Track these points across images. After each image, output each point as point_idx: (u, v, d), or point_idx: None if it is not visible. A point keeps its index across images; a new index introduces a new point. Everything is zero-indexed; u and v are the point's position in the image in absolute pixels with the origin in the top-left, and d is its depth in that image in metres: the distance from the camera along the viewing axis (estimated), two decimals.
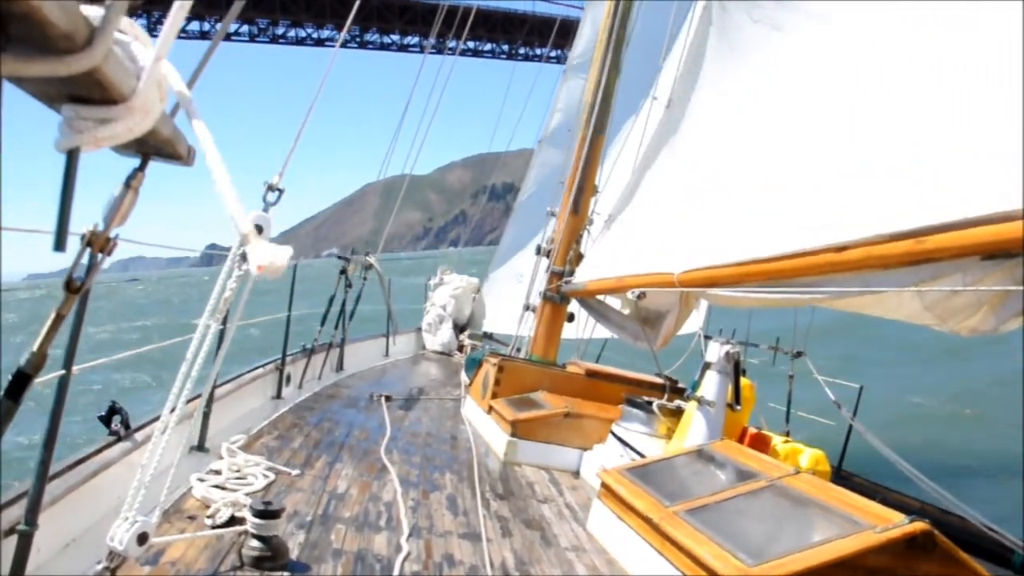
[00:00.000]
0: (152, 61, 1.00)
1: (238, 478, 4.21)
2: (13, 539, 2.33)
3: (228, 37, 62.36)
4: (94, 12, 0.84)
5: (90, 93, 0.96)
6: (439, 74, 15.13)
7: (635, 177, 7.27)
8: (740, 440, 5.26)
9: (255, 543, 3.19)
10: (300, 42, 66.03)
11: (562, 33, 22.93)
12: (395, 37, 68.78)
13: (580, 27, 15.27)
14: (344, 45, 67.01)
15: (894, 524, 2.94)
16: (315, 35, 65.39)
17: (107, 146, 1.04)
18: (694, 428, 5.05)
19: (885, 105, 4.08)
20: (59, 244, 1.09)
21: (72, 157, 1.06)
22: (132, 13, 0.93)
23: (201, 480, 3.98)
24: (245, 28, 63.16)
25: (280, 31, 64.58)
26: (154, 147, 1.28)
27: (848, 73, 4.47)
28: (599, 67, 9.11)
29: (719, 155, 5.73)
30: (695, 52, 6.38)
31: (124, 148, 1.25)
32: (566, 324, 9.14)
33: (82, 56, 0.80)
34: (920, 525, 2.90)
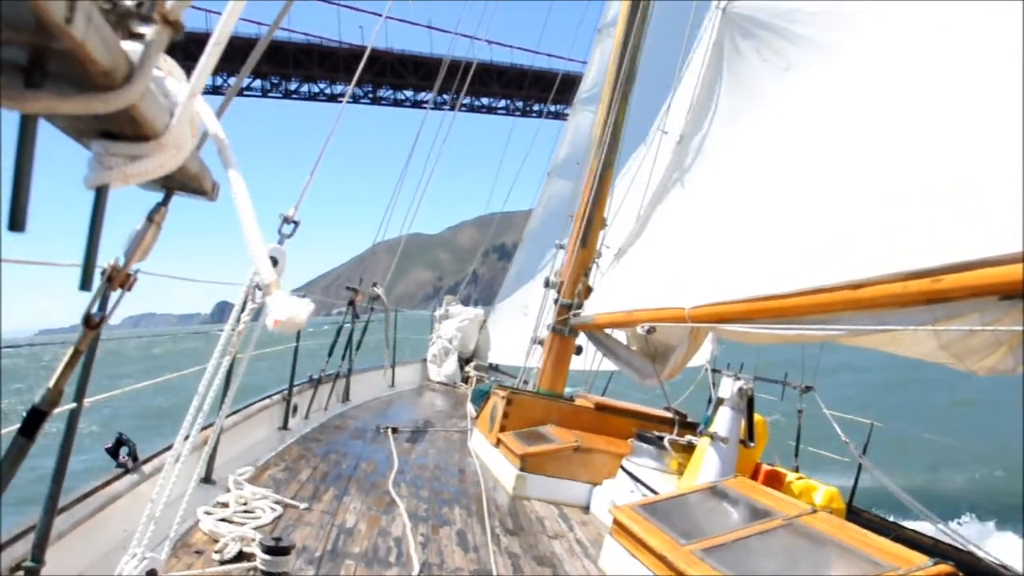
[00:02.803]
0: (186, 97, 0.98)
1: (245, 511, 4.16)
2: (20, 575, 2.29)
3: (240, 92, 62.61)
4: (132, 47, 0.82)
5: (122, 129, 0.94)
6: (447, 130, 15.07)
7: (645, 211, 7.26)
8: (754, 477, 5.19)
9: None
10: (312, 97, 65.27)
11: (565, 88, 22.99)
12: (409, 93, 67.95)
13: (589, 61, 15.36)
14: (357, 101, 67.24)
15: (917, 567, 2.88)
16: (328, 91, 64.71)
17: (136, 183, 1.02)
18: (707, 464, 4.99)
19: (899, 142, 4.07)
20: (85, 283, 1.07)
21: (101, 194, 1.04)
22: (169, 50, 0.91)
23: (208, 513, 3.93)
24: (257, 83, 62.81)
25: (293, 86, 64.09)
26: (180, 182, 1.26)
27: (861, 109, 4.47)
28: (608, 100, 9.15)
29: (731, 190, 5.72)
30: (707, 88, 6.39)
31: (149, 183, 1.23)
32: (574, 357, 9.10)
33: (121, 93, 0.78)
34: (945, 568, 2.84)
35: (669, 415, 6.74)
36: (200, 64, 1.02)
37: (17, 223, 0.77)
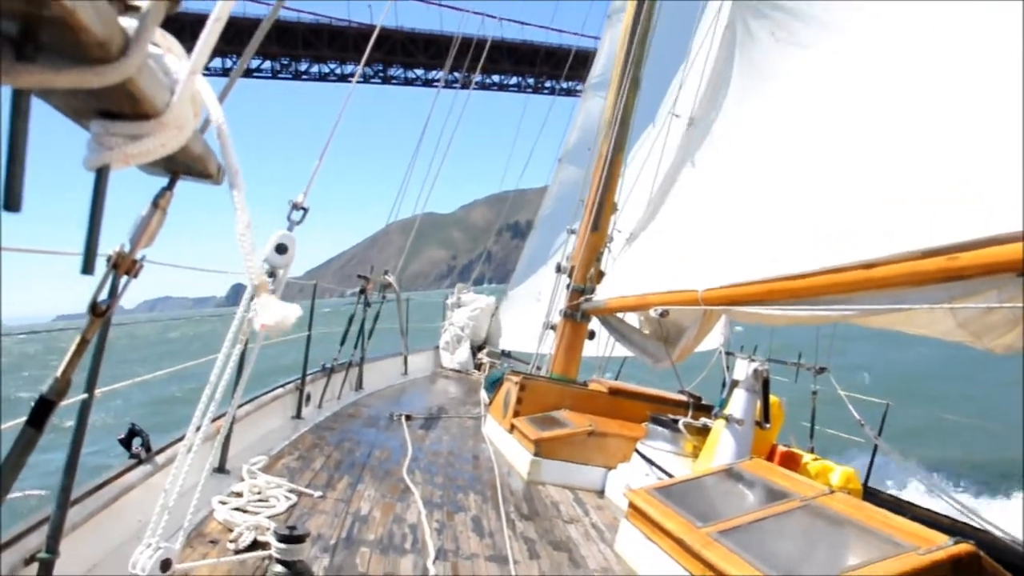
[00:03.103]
0: (187, 74, 0.95)
1: (260, 500, 4.17)
2: (34, 567, 2.29)
3: (249, 73, 62.56)
4: (128, 22, 0.80)
5: (121, 107, 0.91)
6: (460, 109, 15.02)
7: (656, 194, 7.22)
8: (770, 458, 5.16)
9: (279, 568, 3.13)
10: (323, 78, 64.99)
11: (578, 64, 22.81)
12: (419, 72, 67.43)
13: (599, 47, 15.27)
14: (367, 80, 66.88)
15: (938, 546, 2.85)
16: (338, 71, 64.32)
17: (138, 163, 0.99)
18: (722, 447, 4.96)
19: (914, 119, 4.02)
20: (87, 267, 1.05)
21: (101, 176, 1.02)
22: (166, 25, 0.88)
23: (223, 503, 3.93)
24: (267, 64, 62.63)
25: (303, 67, 63.76)
26: (184, 165, 1.24)
27: (874, 87, 4.42)
28: (618, 85, 9.09)
29: (742, 172, 5.68)
30: (718, 70, 6.34)
31: (153, 166, 1.20)
32: (586, 342, 9.08)
33: (117, 66, 0.76)
34: (966, 547, 2.81)
35: (683, 398, 6.71)
36: (200, 41, 0.99)
37: (13, 203, 0.75)
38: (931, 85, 3.96)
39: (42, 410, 1.42)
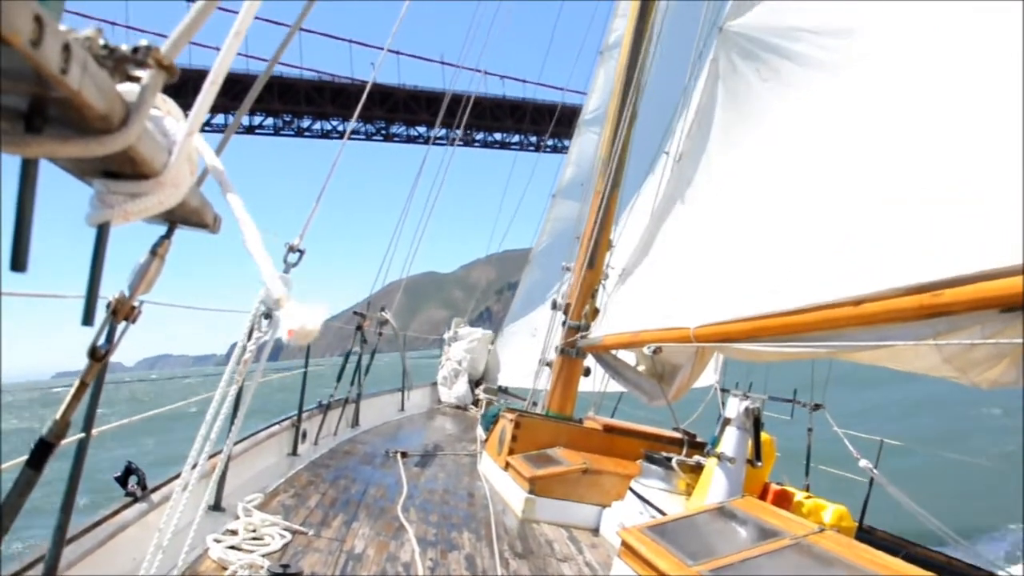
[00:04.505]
0: (184, 136, 1.02)
1: (254, 538, 4.18)
2: None
3: (252, 131, 62.50)
4: (128, 89, 0.86)
5: (122, 168, 0.97)
6: (456, 167, 15.08)
7: (649, 231, 7.29)
8: (762, 496, 5.18)
9: None
10: (325, 135, 64.17)
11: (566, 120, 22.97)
12: (422, 129, 66.16)
13: (592, 82, 15.43)
14: (370, 138, 66.56)
15: None
16: (340, 127, 63.31)
17: (137, 220, 1.05)
18: (715, 485, 4.98)
19: (898, 157, 4.10)
20: (87, 318, 1.10)
21: (103, 231, 1.08)
22: (165, 90, 0.95)
23: (217, 541, 3.95)
24: (270, 121, 62.09)
25: (305, 124, 63.13)
26: (181, 216, 1.30)
27: (858, 126, 4.50)
28: (615, 120, 9.20)
29: (730, 208, 5.74)
30: (704, 107, 6.44)
31: (152, 218, 1.26)
32: (582, 378, 9.10)
33: (118, 136, 0.82)
34: None
35: (678, 435, 6.73)
36: (197, 104, 1.06)
37: (19, 263, 0.80)
38: (917, 120, 4.04)
39: (41, 451, 1.46)
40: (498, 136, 69.64)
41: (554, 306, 9.60)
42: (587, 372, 9.03)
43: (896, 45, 4.37)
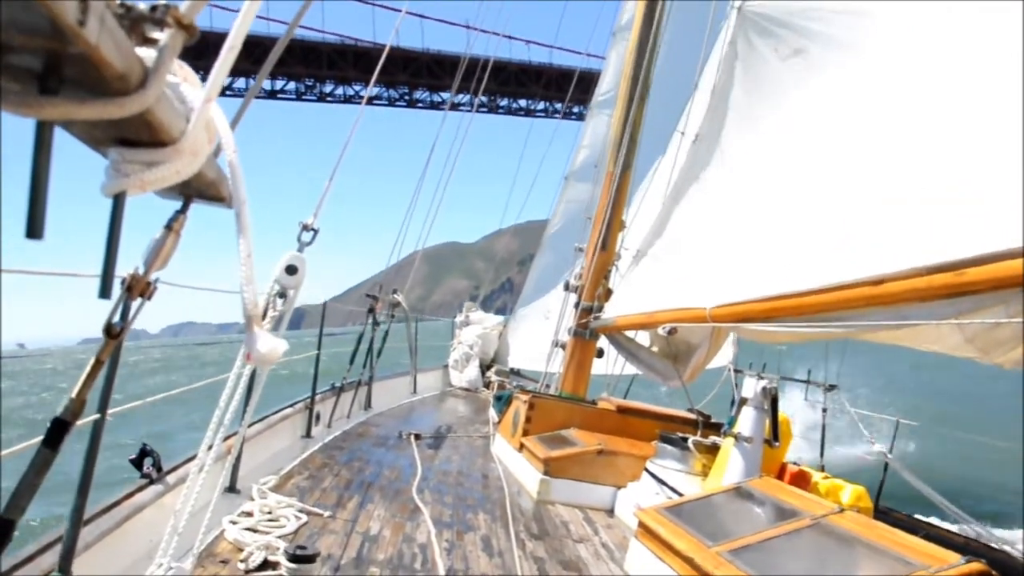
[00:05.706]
0: (202, 102, 0.98)
1: (270, 520, 4.17)
2: None
3: (274, 95, 62.04)
4: (146, 53, 0.83)
5: (138, 135, 0.94)
6: (478, 134, 14.95)
7: (663, 212, 7.24)
8: (779, 477, 5.15)
9: None
10: (348, 100, 63.23)
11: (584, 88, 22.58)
12: (445, 95, 63.40)
13: (605, 64, 15.31)
14: (393, 104, 65.56)
15: (950, 565, 2.84)
16: (363, 92, 61.97)
17: (154, 190, 1.02)
18: (731, 465, 4.95)
19: (920, 136, 4.03)
20: (104, 291, 1.07)
21: (119, 201, 1.04)
22: (184, 53, 0.91)
23: (233, 522, 3.94)
24: (292, 85, 61.31)
25: (328, 88, 62.12)
26: (197, 190, 1.27)
27: (880, 105, 4.44)
28: (625, 101, 9.12)
29: (748, 188, 5.69)
30: (722, 87, 6.37)
31: (167, 191, 1.23)
32: (595, 360, 9.07)
33: (136, 97, 0.78)
34: (977, 566, 2.80)
35: (692, 416, 6.70)
36: (215, 69, 1.02)
37: (35, 231, 0.77)
38: (940, 100, 3.98)
39: (57, 431, 1.44)
40: (523, 103, 67.98)
41: (567, 287, 9.56)
42: (600, 354, 9.00)
43: (913, 20, 4.31)
